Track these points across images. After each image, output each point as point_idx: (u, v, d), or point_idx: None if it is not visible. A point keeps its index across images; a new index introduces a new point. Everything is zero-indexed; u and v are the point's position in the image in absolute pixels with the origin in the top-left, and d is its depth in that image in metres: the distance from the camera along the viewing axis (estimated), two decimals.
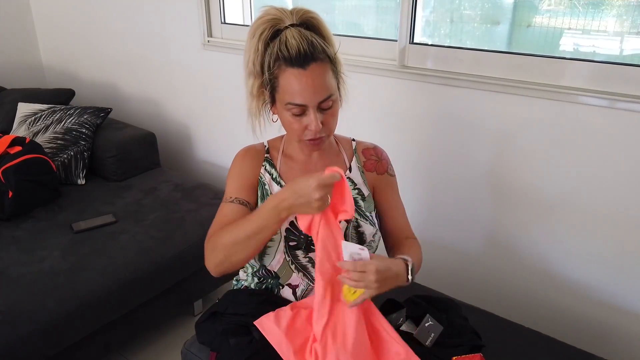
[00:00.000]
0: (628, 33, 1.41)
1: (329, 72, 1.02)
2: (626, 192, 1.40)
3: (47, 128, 2.24)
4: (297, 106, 1.00)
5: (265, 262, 1.14)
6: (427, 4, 1.69)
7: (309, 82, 0.98)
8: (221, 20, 2.19)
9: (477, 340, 1.17)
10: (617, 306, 1.51)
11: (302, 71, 0.98)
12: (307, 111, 1.01)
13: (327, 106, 1.02)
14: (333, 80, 1.03)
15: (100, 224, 1.83)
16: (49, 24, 2.98)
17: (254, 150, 1.17)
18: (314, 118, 1.00)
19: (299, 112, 1.01)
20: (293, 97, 1.00)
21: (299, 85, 0.99)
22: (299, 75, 0.98)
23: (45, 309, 1.44)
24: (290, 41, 0.98)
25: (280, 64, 1.00)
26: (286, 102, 1.01)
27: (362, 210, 1.14)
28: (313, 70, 0.98)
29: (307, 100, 0.99)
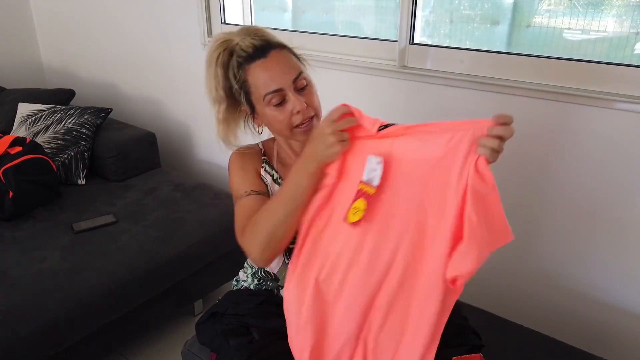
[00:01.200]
0: (628, 33, 1.41)
1: (291, 56, 1.04)
2: (620, 192, 1.40)
3: (48, 128, 2.24)
4: (274, 93, 1.00)
5: None
6: (427, 4, 1.69)
7: (274, 66, 1.00)
8: (221, 20, 2.19)
9: (477, 340, 1.17)
10: (617, 306, 1.51)
11: (265, 60, 1.00)
12: (286, 96, 1.00)
13: (302, 85, 1.02)
14: (298, 63, 1.05)
15: (101, 224, 1.82)
16: (49, 24, 2.98)
17: (250, 151, 1.15)
18: (296, 98, 1.00)
19: (278, 99, 1.00)
20: (267, 86, 1.00)
21: (266, 72, 0.99)
22: (263, 65, 1.00)
23: (45, 309, 1.44)
24: (243, 44, 1.01)
25: (243, 66, 1.01)
26: (263, 96, 1.01)
27: None
28: (274, 56, 1.00)
29: (280, 83, 0.99)
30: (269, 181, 1.12)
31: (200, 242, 1.83)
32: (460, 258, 0.87)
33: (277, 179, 1.13)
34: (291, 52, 1.06)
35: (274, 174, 1.13)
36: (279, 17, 2.25)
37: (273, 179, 1.12)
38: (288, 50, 1.05)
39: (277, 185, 1.12)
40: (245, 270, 1.24)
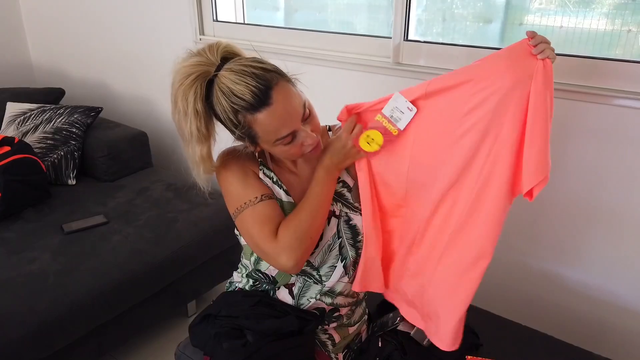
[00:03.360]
0: (619, 31, 1.41)
1: (288, 86, 0.96)
2: (621, 188, 1.41)
3: (37, 128, 2.21)
4: (288, 137, 0.96)
5: (262, 267, 1.13)
6: (420, 3, 1.69)
7: (282, 112, 0.93)
8: (213, 18, 2.17)
9: (475, 339, 1.17)
10: (615, 304, 1.51)
11: (270, 108, 0.92)
12: (297, 133, 0.97)
13: (307, 115, 0.98)
14: (294, 89, 0.97)
15: (92, 224, 1.80)
16: (38, 22, 2.94)
17: (243, 153, 1.08)
18: (306, 133, 0.97)
19: (290, 139, 0.97)
20: (278, 132, 0.94)
21: (276, 120, 0.93)
22: (270, 114, 0.92)
23: (35, 312, 1.42)
24: (236, 88, 0.91)
25: (245, 115, 0.93)
26: (274, 141, 0.96)
27: (350, 202, 1.11)
28: (277, 98, 0.92)
29: (292, 127, 0.95)
30: (269, 184, 1.09)
31: (193, 243, 1.81)
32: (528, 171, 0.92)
33: (276, 181, 1.09)
34: (281, 76, 0.96)
35: (272, 176, 1.09)
36: (272, 15, 2.24)
37: (273, 181, 1.09)
38: (279, 76, 0.95)
39: (278, 187, 1.09)
40: (240, 271, 1.22)
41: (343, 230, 1.11)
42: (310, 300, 1.12)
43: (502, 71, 0.89)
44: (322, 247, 1.09)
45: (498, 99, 0.89)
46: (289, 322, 1.07)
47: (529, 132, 0.90)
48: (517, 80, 0.88)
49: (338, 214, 1.10)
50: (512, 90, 0.88)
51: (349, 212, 1.11)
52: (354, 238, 1.11)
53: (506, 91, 0.88)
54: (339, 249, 1.10)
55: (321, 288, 1.12)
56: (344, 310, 1.17)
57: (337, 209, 1.10)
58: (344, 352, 1.19)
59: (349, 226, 1.11)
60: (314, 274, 1.11)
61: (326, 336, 1.16)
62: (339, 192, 1.11)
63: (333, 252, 1.10)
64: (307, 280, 1.12)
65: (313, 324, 1.10)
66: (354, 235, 1.11)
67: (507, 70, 0.89)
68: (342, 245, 1.11)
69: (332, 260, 1.11)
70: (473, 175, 0.95)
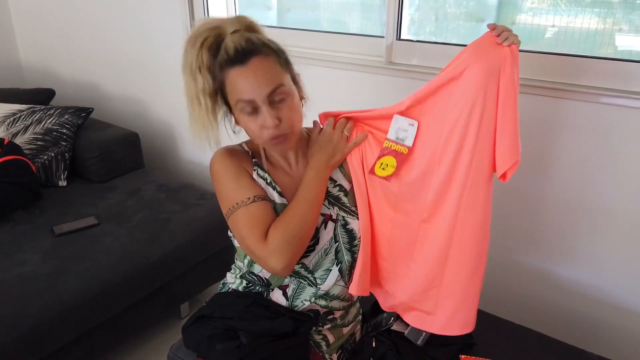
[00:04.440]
0: (610, 30, 1.42)
1: (275, 65, 0.98)
2: (613, 187, 1.41)
3: (27, 129, 2.18)
4: (246, 103, 0.96)
5: (255, 269, 1.12)
6: (412, 3, 1.69)
7: (250, 76, 0.95)
8: (205, 16, 2.16)
9: (468, 338, 1.17)
10: (607, 302, 1.52)
11: (243, 67, 0.95)
12: (258, 109, 0.97)
13: (280, 99, 0.97)
14: (282, 72, 0.99)
15: (83, 226, 1.78)
16: (28, 22, 2.91)
17: (235, 152, 1.10)
18: (266, 113, 0.96)
19: (250, 109, 0.97)
20: (240, 93, 0.96)
21: (242, 81, 0.95)
22: (240, 72, 0.95)
23: (26, 315, 1.40)
24: (228, 44, 0.96)
25: (223, 67, 0.97)
26: (235, 102, 0.97)
27: (347, 206, 1.11)
28: (254, 64, 0.95)
29: (253, 95, 0.95)
30: (262, 185, 1.08)
31: (186, 244, 1.80)
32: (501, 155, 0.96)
33: (270, 182, 1.08)
34: (278, 59, 0.99)
35: (267, 177, 1.08)
36: (264, 15, 2.23)
37: (267, 182, 1.08)
38: (274, 57, 0.98)
39: (272, 188, 1.08)
40: (233, 272, 1.22)
41: (340, 234, 1.10)
42: (304, 302, 1.11)
43: (474, 65, 0.93)
44: (319, 251, 1.09)
45: (474, 92, 0.93)
46: (283, 323, 1.06)
47: (501, 118, 0.94)
48: (489, 70, 0.92)
49: (335, 218, 1.09)
50: (487, 81, 0.92)
51: (346, 216, 1.10)
52: (350, 242, 1.10)
53: (480, 84, 0.92)
54: (335, 253, 1.10)
55: (316, 291, 1.11)
56: (338, 313, 1.17)
57: (333, 212, 1.09)
58: (338, 352, 1.19)
59: (346, 230, 1.10)
60: (309, 276, 1.10)
61: (320, 337, 1.15)
62: (336, 196, 1.10)
63: (329, 256, 1.10)
64: (301, 282, 1.11)
65: (307, 325, 1.09)
66: (351, 240, 1.10)
67: (477, 63, 0.93)
68: (339, 249, 1.10)
69: (328, 264, 1.10)
70: (462, 170, 0.97)
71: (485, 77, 0.92)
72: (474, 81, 0.93)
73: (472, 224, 1.00)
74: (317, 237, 1.08)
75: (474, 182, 0.97)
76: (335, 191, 1.10)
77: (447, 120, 0.96)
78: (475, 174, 0.97)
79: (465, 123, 0.94)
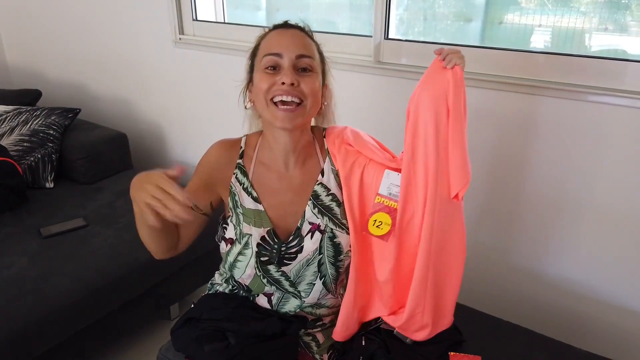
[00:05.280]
0: (596, 30, 1.43)
1: (314, 46, 1.03)
2: (601, 183, 1.43)
3: (13, 130, 2.16)
4: (272, 55, 0.97)
5: (235, 275, 1.11)
6: (401, 2, 1.69)
7: (287, 35, 1.00)
8: (193, 17, 2.15)
9: (457, 335, 1.17)
10: (595, 298, 1.53)
11: (282, 30, 1.00)
12: (281, 67, 0.97)
13: (305, 66, 0.98)
14: (317, 55, 1.03)
15: (70, 228, 1.77)
16: (14, 22, 2.88)
17: (229, 148, 1.10)
18: (289, 71, 0.96)
19: (273, 64, 0.97)
20: (270, 47, 0.99)
21: (277, 38, 1.00)
22: (279, 32, 1.01)
23: (13, 318, 1.38)
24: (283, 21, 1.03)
25: (264, 35, 1.03)
26: (263, 55, 0.99)
27: (338, 217, 1.07)
28: (295, 32, 1.01)
29: (282, 50, 0.97)
30: (237, 189, 1.07)
31: None
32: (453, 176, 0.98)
33: (246, 188, 1.07)
34: (317, 47, 1.04)
35: (244, 182, 1.07)
36: (253, 15, 2.23)
37: (243, 187, 1.07)
38: (315, 44, 1.04)
39: (246, 193, 1.07)
40: (221, 274, 1.22)
41: (326, 247, 1.06)
42: (290, 312, 1.11)
43: (422, 94, 0.96)
44: (300, 260, 1.06)
45: (429, 121, 0.95)
46: (272, 324, 1.06)
47: (451, 140, 0.96)
48: (436, 96, 0.95)
49: (323, 229, 1.06)
50: (436, 107, 0.95)
51: (335, 229, 1.06)
52: (335, 256, 1.07)
53: (432, 111, 0.95)
54: (318, 265, 1.06)
55: (301, 303, 1.10)
56: (327, 319, 1.16)
57: (322, 223, 1.06)
58: (329, 352, 1.18)
59: (333, 243, 1.06)
60: (291, 289, 1.09)
61: (310, 337, 1.15)
62: (327, 206, 1.07)
63: (311, 268, 1.07)
64: (284, 291, 1.09)
65: (296, 325, 1.09)
66: (336, 254, 1.07)
67: (425, 91, 0.96)
68: (322, 262, 1.06)
69: (310, 277, 1.07)
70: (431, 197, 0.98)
71: (434, 104, 0.94)
72: (427, 110, 0.95)
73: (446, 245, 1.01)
74: (300, 246, 1.06)
75: (441, 208, 0.98)
76: (328, 200, 1.07)
77: (419, 158, 0.98)
78: (440, 200, 0.97)
79: (425, 153, 0.97)
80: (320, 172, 1.09)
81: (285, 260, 1.06)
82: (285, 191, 1.08)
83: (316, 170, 1.09)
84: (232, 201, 1.08)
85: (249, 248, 1.05)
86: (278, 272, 1.07)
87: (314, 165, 1.09)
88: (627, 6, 1.38)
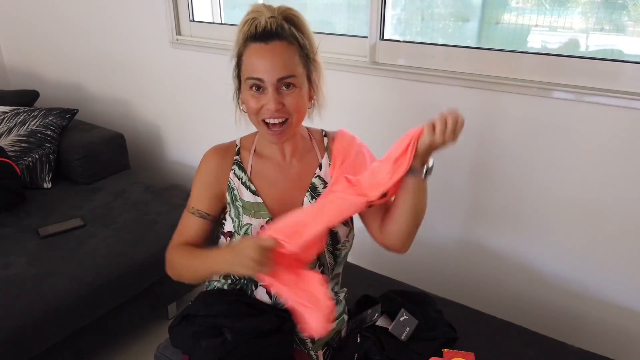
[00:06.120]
0: (593, 30, 1.44)
1: (295, 55, 1.00)
2: (595, 183, 1.44)
3: (10, 131, 2.16)
4: (255, 80, 0.98)
5: None
6: (398, 3, 1.70)
7: (268, 56, 0.97)
8: (190, 18, 2.16)
9: (451, 332, 1.18)
10: (588, 295, 1.54)
11: (263, 45, 0.98)
12: (265, 89, 0.99)
13: (287, 87, 0.99)
14: (299, 64, 1.01)
15: (68, 228, 1.78)
16: (11, 23, 2.88)
17: (223, 151, 1.13)
18: (272, 95, 0.98)
19: (257, 87, 0.99)
20: (252, 71, 0.99)
21: (258, 58, 0.98)
22: (259, 49, 0.98)
23: (11, 317, 1.39)
24: (260, 23, 0.99)
25: (247, 41, 1.00)
26: (246, 77, 1.00)
27: None
28: (275, 46, 0.98)
29: (264, 75, 0.98)
30: (236, 184, 1.10)
31: None
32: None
33: (245, 182, 1.10)
34: (299, 51, 1.01)
35: (242, 177, 1.11)
36: None
37: (241, 182, 1.10)
38: (296, 48, 1.01)
39: (245, 187, 1.10)
40: None
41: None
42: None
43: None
44: None
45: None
46: (268, 320, 1.07)
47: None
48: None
49: None
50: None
51: None
52: (333, 245, 1.12)
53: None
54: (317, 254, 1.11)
55: None
56: None
57: None
58: (324, 349, 1.19)
59: (331, 233, 1.11)
60: None
61: (305, 334, 1.16)
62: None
63: None
64: None
65: (292, 321, 1.10)
66: (334, 243, 1.12)
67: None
68: (321, 252, 1.11)
69: (309, 265, 1.11)
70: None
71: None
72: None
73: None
74: None
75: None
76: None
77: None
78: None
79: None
80: (318, 166, 1.14)
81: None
82: (284, 180, 1.12)
83: (314, 163, 1.14)
84: (230, 195, 1.11)
85: None
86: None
87: (312, 158, 1.15)
88: (623, 6, 1.39)
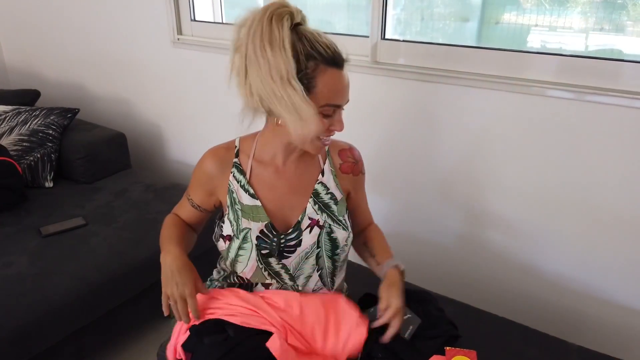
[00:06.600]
0: (592, 29, 1.45)
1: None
2: (595, 182, 1.44)
3: (12, 130, 2.17)
4: (335, 107, 0.98)
5: (237, 269, 1.13)
6: (398, 3, 1.70)
7: (344, 83, 0.98)
8: (191, 17, 2.16)
9: (453, 330, 1.19)
10: (589, 294, 1.55)
11: (339, 72, 0.97)
12: (335, 114, 1.00)
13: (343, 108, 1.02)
14: None
15: (70, 227, 1.78)
16: (12, 23, 2.88)
17: (222, 153, 1.12)
18: (341, 119, 1.01)
19: (332, 113, 0.99)
20: (332, 97, 0.96)
21: (338, 85, 0.97)
22: (337, 75, 0.96)
23: (13, 316, 1.39)
24: (324, 40, 0.95)
25: (318, 63, 0.94)
26: (324, 103, 0.96)
27: (335, 214, 1.13)
28: (345, 73, 0.99)
29: (343, 101, 1.00)
30: (235, 187, 1.10)
31: None
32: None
33: (244, 185, 1.10)
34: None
35: (241, 180, 1.11)
36: None
37: (240, 185, 1.11)
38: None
39: (243, 191, 1.10)
40: (219, 271, 1.24)
41: (323, 241, 1.12)
42: None
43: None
44: (299, 254, 1.11)
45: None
46: None
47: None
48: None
49: (322, 224, 1.11)
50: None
51: (333, 225, 1.12)
52: (332, 250, 1.13)
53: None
54: (316, 258, 1.12)
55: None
56: None
57: (321, 219, 1.12)
58: None
59: (330, 238, 1.12)
60: (290, 283, 1.13)
61: None
62: (326, 203, 1.13)
63: (309, 260, 1.12)
64: (284, 284, 1.13)
65: None
66: (333, 248, 1.13)
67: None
68: (320, 255, 1.12)
69: (309, 270, 1.13)
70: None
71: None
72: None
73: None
74: (299, 239, 1.10)
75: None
76: (327, 199, 1.13)
77: None
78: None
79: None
80: (320, 172, 1.15)
81: (285, 252, 1.09)
82: (283, 185, 1.12)
83: (315, 169, 1.15)
84: (229, 198, 1.11)
85: (248, 242, 1.08)
86: (279, 265, 1.11)
87: (314, 165, 1.15)
88: (623, 6, 1.39)
